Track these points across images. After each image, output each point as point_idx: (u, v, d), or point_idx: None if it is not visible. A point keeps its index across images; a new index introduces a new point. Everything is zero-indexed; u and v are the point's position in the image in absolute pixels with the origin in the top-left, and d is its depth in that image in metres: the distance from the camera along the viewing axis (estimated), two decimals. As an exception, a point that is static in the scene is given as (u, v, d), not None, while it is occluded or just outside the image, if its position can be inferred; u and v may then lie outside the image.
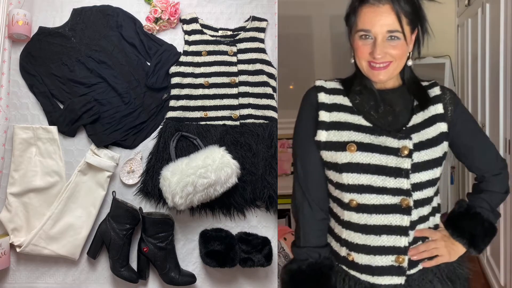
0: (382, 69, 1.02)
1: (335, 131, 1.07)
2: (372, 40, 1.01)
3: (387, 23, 0.99)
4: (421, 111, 1.09)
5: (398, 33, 0.99)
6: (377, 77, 1.03)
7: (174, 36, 1.75)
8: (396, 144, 1.03)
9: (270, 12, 1.78)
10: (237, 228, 1.62)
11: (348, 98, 1.10)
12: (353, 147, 1.04)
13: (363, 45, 1.02)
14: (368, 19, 1.00)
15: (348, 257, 1.08)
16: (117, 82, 1.67)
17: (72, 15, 1.73)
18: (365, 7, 1.01)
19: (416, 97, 1.10)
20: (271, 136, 1.64)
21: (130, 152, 1.65)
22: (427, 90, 1.11)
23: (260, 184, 1.60)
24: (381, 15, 0.99)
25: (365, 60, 1.03)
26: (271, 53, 1.75)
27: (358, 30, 1.02)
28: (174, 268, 1.55)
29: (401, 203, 1.03)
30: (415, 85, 1.11)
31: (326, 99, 1.10)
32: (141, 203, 1.62)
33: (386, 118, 1.08)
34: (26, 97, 1.67)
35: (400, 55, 1.02)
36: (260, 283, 1.61)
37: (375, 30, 0.99)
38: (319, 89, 1.11)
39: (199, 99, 1.67)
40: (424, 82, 1.14)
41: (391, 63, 1.02)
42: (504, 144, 1.97)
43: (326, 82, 1.13)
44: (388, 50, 1.00)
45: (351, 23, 1.05)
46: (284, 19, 1.93)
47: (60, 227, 1.56)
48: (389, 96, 1.09)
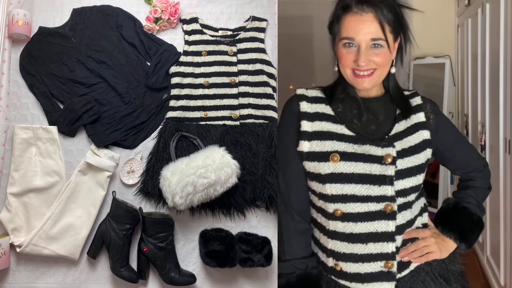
0: (366, 77, 1.02)
1: (318, 141, 1.06)
2: (356, 48, 1.01)
3: (371, 31, 0.99)
4: (403, 120, 1.10)
5: (381, 41, 1.00)
6: (362, 85, 1.04)
7: (174, 36, 1.75)
8: (380, 152, 1.04)
9: (270, 12, 1.78)
10: (237, 228, 1.62)
11: (330, 107, 1.10)
12: (336, 157, 1.03)
13: (347, 53, 1.02)
14: (351, 27, 1.01)
15: (336, 267, 1.08)
16: (117, 82, 1.67)
17: (72, 15, 1.73)
18: (349, 15, 1.01)
19: (398, 106, 1.11)
20: (271, 136, 1.64)
21: (130, 152, 1.65)
22: (409, 100, 1.13)
23: (260, 184, 1.60)
24: (364, 23, 0.99)
25: (349, 68, 1.03)
26: (271, 53, 1.75)
27: (342, 38, 1.03)
28: (174, 268, 1.55)
29: (385, 208, 1.03)
30: (398, 94, 1.11)
31: (308, 108, 1.09)
32: (141, 203, 1.62)
33: (369, 126, 1.08)
34: (26, 97, 1.67)
35: (384, 63, 1.03)
36: (260, 283, 1.61)
37: (359, 38, 1.00)
38: (300, 98, 1.11)
39: (199, 99, 1.67)
40: (405, 92, 1.15)
41: (375, 71, 1.02)
42: (504, 144, 1.97)
43: (308, 90, 1.14)
44: (372, 57, 1.00)
45: (335, 31, 1.06)
46: (284, 19, 1.93)
47: (60, 227, 1.56)
48: (373, 105, 1.09)
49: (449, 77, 3.07)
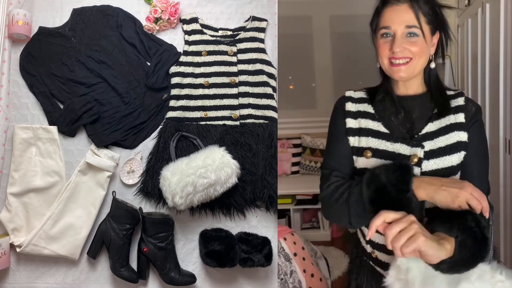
0: (402, 65, 1.04)
1: (358, 137, 1.11)
2: (391, 38, 1.04)
3: (405, 19, 1.03)
4: (438, 120, 1.08)
5: (416, 29, 1.02)
6: (398, 73, 1.05)
7: (174, 36, 1.75)
8: (408, 151, 1.04)
9: (270, 12, 1.78)
10: (237, 228, 1.62)
11: (372, 106, 1.13)
12: (369, 154, 1.07)
13: (384, 42, 1.05)
14: (388, 17, 1.05)
15: (372, 254, 1.14)
16: (117, 82, 1.67)
17: (72, 15, 1.73)
18: (386, 7, 1.06)
19: (436, 105, 1.10)
20: (271, 136, 1.64)
21: (130, 152, 1.65)
22: (450, 100, 1.11)
23: (260, 184, 1.60)
24: (399, 12, 1.03)
25: (386, 57, 1.06)
26: (271, 53, 1.75)
27: (379, 29, 1.06)
28: (174, 268, 1.55)
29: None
30: (439, 93, 1.11)
31: (352, 107, 1.14)
32: (141, 203, 1.62)
33: (405, 124, 1.10)
34: (26, 97, 1.67)
35: (419, 53, 1.04)
36: (260, 283, 1.61)
37: (394, 27, 1.03)
38: (347, 99, 1.16)
39: (199, 99, 1.67)
40: (450, 91, 1.13)
41: (411, 60, 1.04)
42: (504, 144, 1.97)
43: (355, 92, 1.18)
44: (407, 46, 1.03)
45: (374, 25, 1.09)
46: (284, 19, 1.94)
47: (60, 227, 1.56)
48: (409, 103, 1.10)
49: (449, 77, 3.06)
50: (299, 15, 3.09)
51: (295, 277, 1.93)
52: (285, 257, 1.94)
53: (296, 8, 3.03)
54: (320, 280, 2.00)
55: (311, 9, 3.10)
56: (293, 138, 3.41)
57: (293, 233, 2.10)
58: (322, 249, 2.33)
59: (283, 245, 1.98)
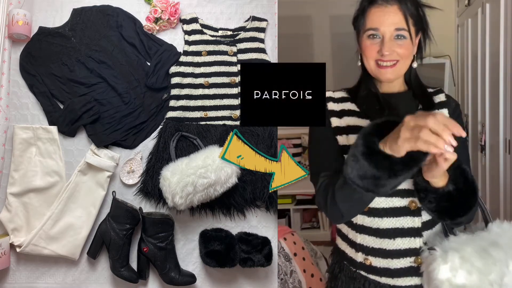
0: (389, 68, 1.03)
1: (346, 136, 1.09)
2: (379, 39, 1.03)
3: (395, 22, 1.01)
4: None
5: (404, 32, 1.02)
6: (385, 75, 1.05)
7: (174, 36, 1.75)
8: None
9: (270, 12, 1.78)
10: (237, 228, 1.62)
11: (355, 104, 1.12)
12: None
13: (371, 44, 1.04)
14: (376, 18, 1.03)
15: (366, 262, 1.09)
16: (117, 82, 1.67)
17: (72, 15, 1.73)
18: (374, 7, 1.04)
19: (421, 102, 1.11)
20: (271, 136, 1.64)
21: (130, 152, 1.65)
22: (432, 96, 1.12)
23: (260, 184, 1.60)
24: (389, 14, 1.02)
25: (373, 59, 1.05)
26: (271, 53, 1.75)
27: (366, 30, 1.04)
28: (174, 268, 1.55)
29: (409, 205, 1.03)
30: (420, 90, 1.12)
31: (335, 107, 1.13)
32: (141, 203, 1.62)
33: None
34: (26, 97, 1.67)
35: (407, 55, 1.04)
36: (260, 283, 1.61)
37: (383, 29, 1.02)
38: (327, 100, 1.15)
39: (199, 99, 1.67)
40: (429, 89, 1.14)
41: (398, 62, 1.04)
42: (504, 144, 1.97)
43: (334, 92, 1.16)
44: (395, 48, 1.02)
45: (360, 24, 1.07)
46: (284, 19, 1.93)
47: (60, 227, 1.56)
48: (394, 101, 1.10)
49: (449, 77, 3.06)
50: (299, 15, 3.09)
51: (295, 277, 1.93)
52: (285, 257, 1.95)
53: (296, 8, 3.03)
54: (320, 280, 2.00)
55: (311, 9, 3.10)
56: (293, 138, 3.41)
57: (293, 233, 2.10)
58: (322, 249, 2.33)
59: (283, 245, 1.98)
